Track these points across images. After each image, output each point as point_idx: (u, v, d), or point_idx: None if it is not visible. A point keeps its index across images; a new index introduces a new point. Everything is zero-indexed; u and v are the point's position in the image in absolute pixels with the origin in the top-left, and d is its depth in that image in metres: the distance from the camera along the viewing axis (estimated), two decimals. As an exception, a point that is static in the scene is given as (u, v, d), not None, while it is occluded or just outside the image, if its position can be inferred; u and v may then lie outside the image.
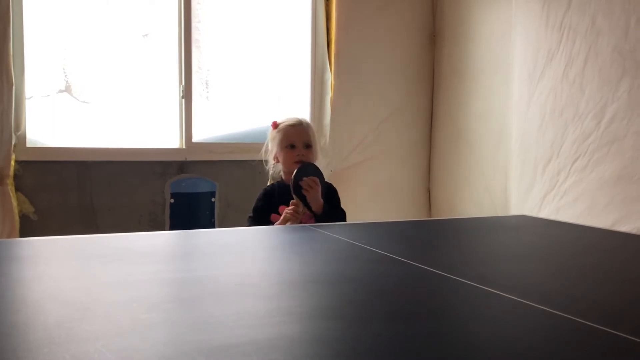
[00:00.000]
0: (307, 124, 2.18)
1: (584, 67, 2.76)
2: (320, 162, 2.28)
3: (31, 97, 2.96)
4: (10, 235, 2.75)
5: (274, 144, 2.14)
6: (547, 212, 2.91)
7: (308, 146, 2.13)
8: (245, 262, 1.26)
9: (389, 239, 1.67)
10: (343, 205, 2.17)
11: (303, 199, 1.98)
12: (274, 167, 2.21)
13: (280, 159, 2.14)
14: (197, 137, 3.30)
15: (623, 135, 2.59)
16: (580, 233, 1.82)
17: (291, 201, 1.98)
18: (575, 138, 2.81)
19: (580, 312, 0.91)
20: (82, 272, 1.10)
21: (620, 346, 0.78)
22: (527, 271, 1.24)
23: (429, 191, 3.94)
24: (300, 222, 1.99)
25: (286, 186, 2.07)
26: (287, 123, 2.15)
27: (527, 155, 3.10)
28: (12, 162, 2.82)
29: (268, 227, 1.75)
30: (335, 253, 1.41)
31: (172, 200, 3.20)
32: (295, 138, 2.11)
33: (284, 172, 2.15)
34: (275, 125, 2.17)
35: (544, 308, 0.92)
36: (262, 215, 2.05)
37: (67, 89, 3.11)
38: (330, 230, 1.64)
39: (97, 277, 1.06)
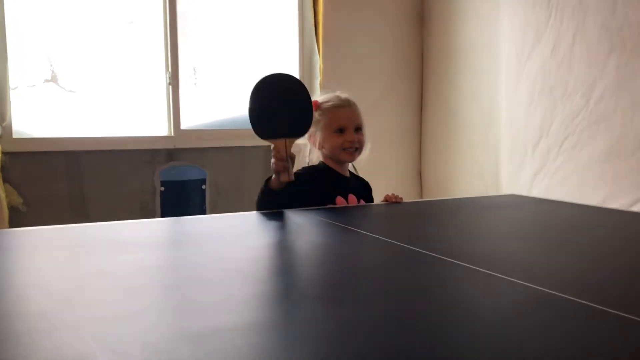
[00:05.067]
0: (355, 104, 1.92)
1: (572, 45, 2.75)
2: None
3: (16, 87, 2.92)
4: (-1, 227, 2.73)
5: (317, 128, 1.87)
6: (537, 191, 2.92)
7: (358, 129, 1.89)
8: (233, 247, 1.25)
9: (379, 221, 1.66)
10: None
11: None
12: (311, 153, 1.96)
13: (325, 144, 1.88)
14: (185, 124, 3.28)
15: (612, 112, 2.59)
16: (570, 210, 1.82)
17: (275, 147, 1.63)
18: (565, 117, 2.81)
19: (567, 288, 0.91)
20: (67, 262, 1.09)
21: (606, 321, 0.78)
22: (516, 249, 1.24)
23: (420, 173, 3.94)
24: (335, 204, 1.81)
25: (332, 171, 1.89)
26: (332, 103, 1.89)
27: (517, 135, 3.10)
28: (-1, 154, 2.80)
29: (256, 213, 1.73)
30: (323, 236, 1.40)
31: (162, 189, 3.19)
32: (345, 122, 1.86)
33: (330, 157, 1.91)
34: (316, 105, 1.86)
35: (531, 285, 0.92)
36: (301, 182, 1.75)
37: (53, 79, 3.08)
38: (319, 214, 1.63)
39: (81, 266, 1.05)
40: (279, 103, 1.66)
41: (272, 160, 1.64)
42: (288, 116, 1.66)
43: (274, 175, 1.67)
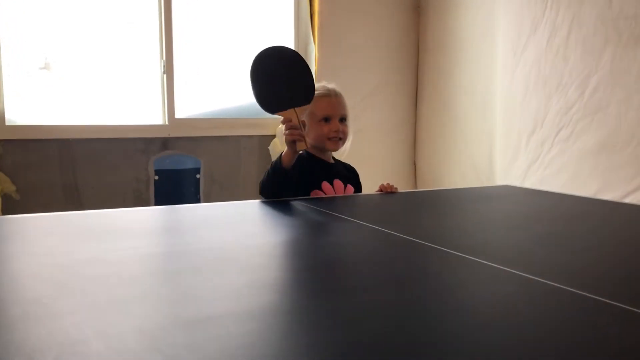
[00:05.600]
0: (341, 95, 1.94)
1: (568, 37, 2.75)
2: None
3: (9, 75, 2.90)
4: (-8, 215, 2.72)
5: (302, 116, 1.81)
6: (531, 183, 2.93)
7: (343, 119, 1.91)
8: (227, 235, 1.25)
9: (374, 211, 1.67)
10: None
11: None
12: None
13: (310, 132, 1.87)
14: (179, 113, 3.27)
15: (606, 104, 2.60)
16: (563, 202, 1.83)
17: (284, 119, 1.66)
18: (559, 108, 2.81)
19: (560, 277, 0.91)
20: (61, 249, 1.09)
21: (599, 310, 0.78)
22: (509, 239, 1.25)
23: (415, 164, 3.94)
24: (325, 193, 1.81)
25: (316, 158, 1.89)
26: (318, 92, 1.87)
27: (511, 127, 3.10)
28: (-8, 141, 2.78)
29: (250, 202, 1.73)
30: (317, 225, 1.40)
31: (156, 178, 3.18)
32: (331, 111, 1.87)
33: (314, 146, 1.90)
34: None
35: (524, 274, 0.93)
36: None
37: (47, 67, 3.06)
38: (313, 204, 1.64)
39: (75, 253, 1.05)
40: (278, 76, 1.68)
41: (285, 132, 1.66)
42: (291, 86, 1.68)
43: (284, 152, 1.69)
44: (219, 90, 3.44)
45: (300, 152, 1.72)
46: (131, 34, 3.17)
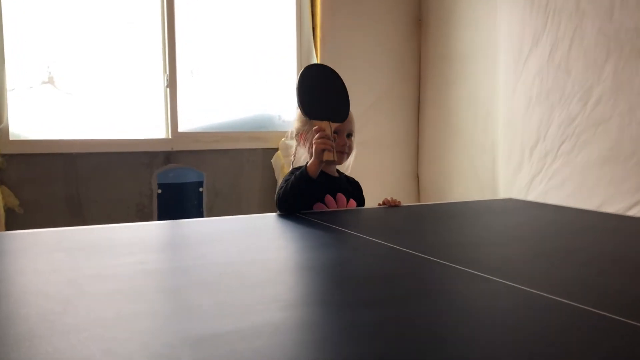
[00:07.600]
0: (350, 111, 1.92)
1: (570, 49, 2.76)
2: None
3: (13, 89, 2.91)
4: (-5, 230, 2.72)
5: (310, 127, 1.84)
6: (534, 195, 2.92)
7: (349, 135, 1.92)
8: (231, 250, 1.25)
9: (376, 224, 1.66)
10: None
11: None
12: (297, 152, 1.96)
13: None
14: (183, 127, 3.28)
15: (609, 116, 2.60)
16: (567, 215, 1.83)
17: (315, 128, 1.72)
18: (562, 121, 2.81)
19: (565, 292, 0.91)
20: (65, 265, 1.09)
21: (605, 326, 0.78)
22: (513, 253, 1.24)
23: (418, 176, 3.94)
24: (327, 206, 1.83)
25: (320, 171, 1.83)
26: None
27: (514, 139, 3.10)
28: (-4, 156, 2.79)
29: (254, 216, 1.73)
30: (322, 239, 1.40)
31: (159, 191, 3.18)
32: (340, 126, 1.85)
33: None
34: None
35: (528, 289, 0.92)
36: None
37: (50, 81, 3.07)
38: (317, 217, 1.64)
39: (80, 269, 1.05)
40: (328, 88, 1.79)
41: (317, 140, 1.71)
42: (333, 102, 1.79)
43: (310, 162, 1.73)
44: (222, 104, 3.45)
45: (305, 164, 1.73)
46: (134, 47, 3.19)
